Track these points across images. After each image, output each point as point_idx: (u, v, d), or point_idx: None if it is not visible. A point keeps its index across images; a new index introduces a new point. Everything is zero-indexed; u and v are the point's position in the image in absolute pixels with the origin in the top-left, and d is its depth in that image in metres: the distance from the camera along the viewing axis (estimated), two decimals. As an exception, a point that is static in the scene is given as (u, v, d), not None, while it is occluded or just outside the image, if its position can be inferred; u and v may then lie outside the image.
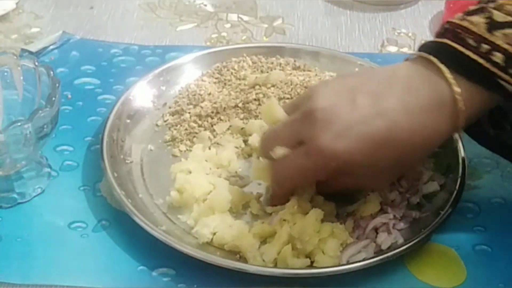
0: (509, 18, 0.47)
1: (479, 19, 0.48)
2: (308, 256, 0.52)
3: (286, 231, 0.52)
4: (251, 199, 0.57)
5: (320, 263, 0.51)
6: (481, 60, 0.46)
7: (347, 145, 0.48)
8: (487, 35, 0.47)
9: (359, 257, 0.52)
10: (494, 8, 0.48)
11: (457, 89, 0.47)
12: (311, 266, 0.52)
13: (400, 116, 0.48)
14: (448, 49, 0.48)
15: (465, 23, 0.48)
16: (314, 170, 0.51)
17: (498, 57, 0.46)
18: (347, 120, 0.48)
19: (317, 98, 0.50)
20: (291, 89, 0.66)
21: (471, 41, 0.47)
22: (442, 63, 0.48)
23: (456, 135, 0.61)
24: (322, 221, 0.53)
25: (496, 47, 0.46)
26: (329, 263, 0.51)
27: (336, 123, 0.48)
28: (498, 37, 0.46)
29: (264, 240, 0.54)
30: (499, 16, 0.47)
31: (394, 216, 0.55)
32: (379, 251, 0.53)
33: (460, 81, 0.48)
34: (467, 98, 0.48)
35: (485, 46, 0.46)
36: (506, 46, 0.46)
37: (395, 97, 0.48)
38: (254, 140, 0.61)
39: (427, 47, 0.50)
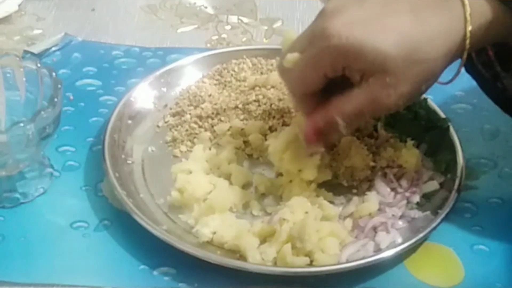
0: None
1: None
2: (307, 255, 0.52)
3: (285, 230, 0.52)
4: (251, 199, 0.58)
5: (319, 261, 0.52)
6: None
7: (352, 33, 0.48)
8: None
9: (358, 256, 0.53)
10: None
11: None
12: (310, 265, 0.52)
13: (406, 14, 0.48)
14: None
15: None
16: (320, 57, 0.50)
17: None
18: (354, 14, 0.49)
19: (329, 3, 0.51)
20: (291, 91, 0.66)
21: None
22: None
23: (455, 136, 0.61)
24: (322, 220, 0.54)
25: None
26: (328, 261, 0.52)
27: (344, 15, 0.49)
28: None
29: (264, 239, 0.54)
30: None
31: (393, 215, 0.56)
32: (377, 250, 0.53)
33: None
34: (479, 9, 0.48)
35: None
36: None
37: (403, 2, 0.49)
38: (254, 138, 0.62)
39: None
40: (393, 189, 0.58)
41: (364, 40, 0.48)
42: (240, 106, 0.65)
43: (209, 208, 0.55)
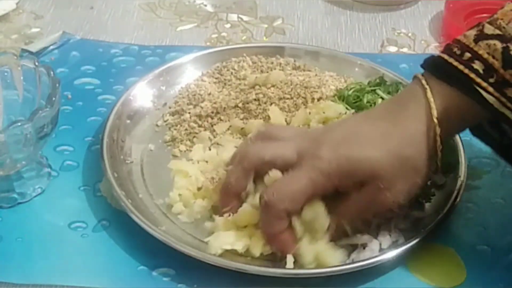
0: (497, 31, 0.48)
1: (471, 32, 0.50)
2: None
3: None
4: None
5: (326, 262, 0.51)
6: (460, 67, 0.48)
7: (339, 153, 0.50)
8: (472, 45, 0.49)
9: (360, 257, 0.52)
10: (488, 22, 0.50)
11: (427, 88, 0.50)
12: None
13: (383, 119, 0.51)
14: (436, 60, 0.51)
15: (460, 37, 0.51)
16: (311, 180, 0.49)
17: (478, 65, 0.48)
18: (336, 135, 0.51)
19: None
20: (291, 89, 0.66)
21: (456, 50, 0.49)
22: (429, 72, 0.51)
23: (457, 136, 0.61)
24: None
25: (477, 56, 0.48)
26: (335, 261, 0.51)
27: (335, 136, 0.51)
28: (481, 47, 0.48)
29: None
30: (489, 29, 0.49)
31: (397, 215, 0.55)
32: (379, 251, 0.53)
33: (440, 86, 0.50)
34: (442, 99, 0.49)
35: (468, 55, 0.49)
36: (486, 56, 0.48)
37: (373, 126, 0.51)
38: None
39: (424, 61, 0.53)
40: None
41: (350, 156, 0.49)
42: (240, 105, 0.65)
43: (229, 224, 0.53)
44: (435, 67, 0.50)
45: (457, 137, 0.61)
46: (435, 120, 0.49)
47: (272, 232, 0.51)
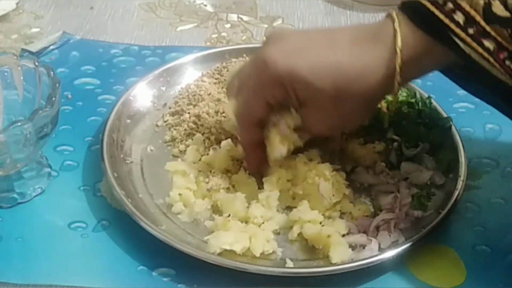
0: None
1: None
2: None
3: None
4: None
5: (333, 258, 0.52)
6: (441, 16, 0.48)
7: (288, 61, 0.50)
8: None
9: (359, 256, 0.52)
10: None
11: (397, 27, 0.49)
12: (311, 265, 0.52)
13: (343, 46, 0.51)
14: (415, 5, 0.50)
15: None
16: (260, 85, 0.52)
17: (459, 16, 0.48)
18: (293, 42, 0.52)
19: (272, 31, 0.56)
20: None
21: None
22: (406, 16, 0.50)
23: (457, 136, 0.61)
24: None
25: (459, 8, 0.48)
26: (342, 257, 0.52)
27: (283, 43, 0.52)
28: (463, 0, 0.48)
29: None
30: None
31: (397, 216, 0.55)
32: (379, 250, 0.53)
33: (411, 30, 0.49)
34: (411, 43, 0.49)
35: (450, 5, 0.48)
36: (468, 9, 0.47)
37: (345, 32, 0.52)
38: None
39: (403, 4, 0.52)
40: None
41: (297, 69, 0.50)
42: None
43: (229, 224, 0.54)
44: (413, 12, 0.49)
45: (457, 137, 0.61)
46: (398, 50, 0.49)
47: (244, 141, 0.56)
